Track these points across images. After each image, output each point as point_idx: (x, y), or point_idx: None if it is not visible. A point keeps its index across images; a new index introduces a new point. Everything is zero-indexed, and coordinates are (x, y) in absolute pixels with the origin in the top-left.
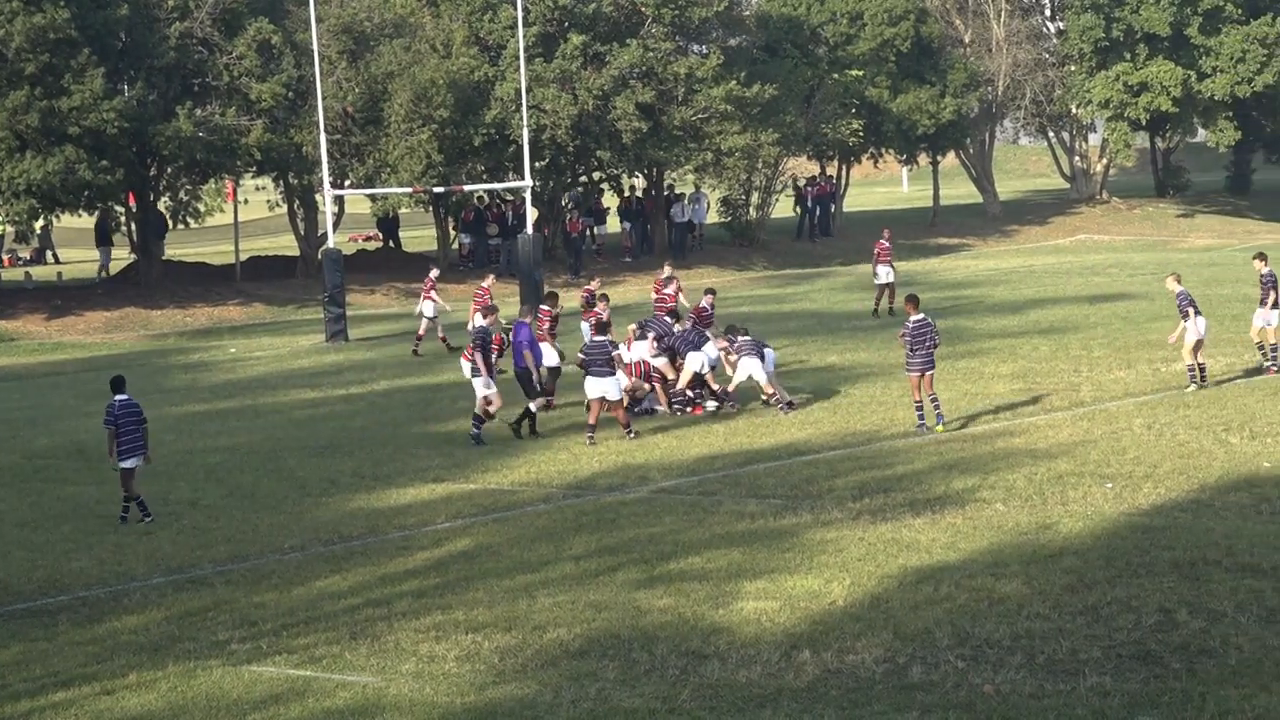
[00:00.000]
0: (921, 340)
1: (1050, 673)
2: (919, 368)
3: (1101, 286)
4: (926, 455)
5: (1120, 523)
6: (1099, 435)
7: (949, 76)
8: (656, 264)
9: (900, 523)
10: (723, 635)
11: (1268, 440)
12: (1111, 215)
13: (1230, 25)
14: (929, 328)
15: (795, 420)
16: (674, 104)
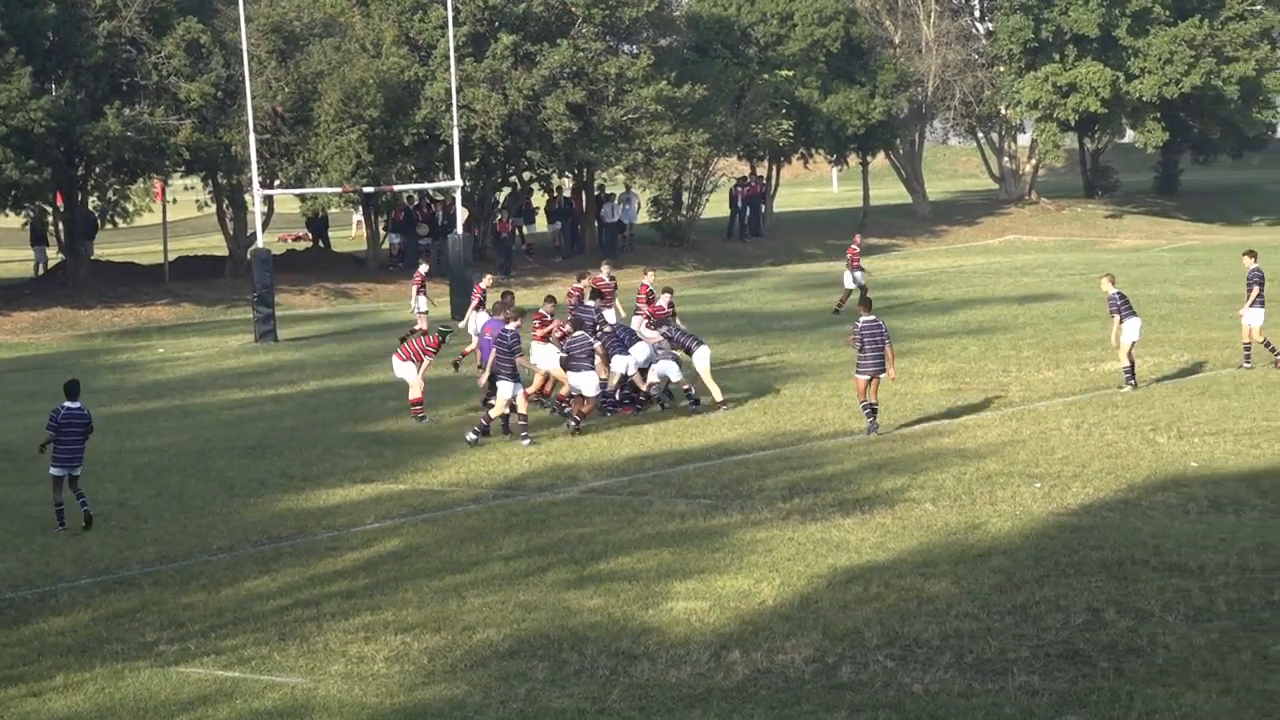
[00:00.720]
0: (873, 342)
1: (979, 672)
2: (870, 370)
3: (1030, 287)
4: (856, 455)
5: (1049, 522)
6: (1028, 435)
7: (879, 77)
8: (587, 264)
9: (830, 523)
10: (652, 635)
11: (1195, 440)
12: (1040, 216)
13: (1158, 27)
14: (880, 329)
15: (725, 420)
16: (604, 104)
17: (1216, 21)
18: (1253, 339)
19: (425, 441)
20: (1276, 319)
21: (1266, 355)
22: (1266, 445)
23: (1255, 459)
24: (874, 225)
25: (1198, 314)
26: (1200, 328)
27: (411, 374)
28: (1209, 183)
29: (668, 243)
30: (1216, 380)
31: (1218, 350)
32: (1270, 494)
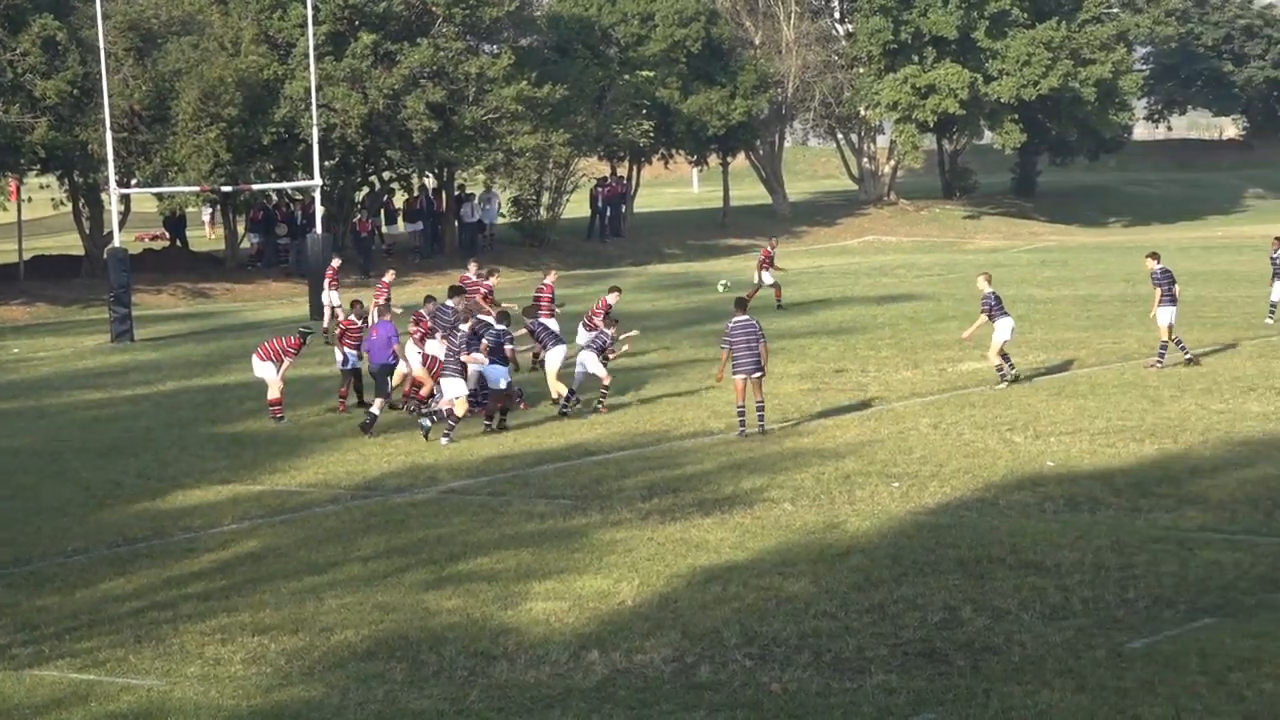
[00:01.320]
0: (746, 342)
1: (837, 671)
2: (744, 370)
3: (889, 287)
4: (715, 455)
5: (907, 521)
6: (886, 435)
7: (739, 78)
8: (448, 264)
9: (689, 522)
10: (511, 636)
11: (1051, 440)
12: (899, 216)
13: (1016, 29)
14: (753, 329)
15: (585, 420)
16: (465, 104)
17: (1074, 24)
18: (1168, 338)
19: (283, 442)
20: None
21: (1180, 353)
22: (1121, 444)
23: (1110, 458)
24: (734, 225)
25: (1054, 315)
26: (1057, 328)
27: (271, 374)
28: (1066, 184)
29: (528, 243)
30: (1073, 380)
31: (1074, 350)
32: (1124, 492)
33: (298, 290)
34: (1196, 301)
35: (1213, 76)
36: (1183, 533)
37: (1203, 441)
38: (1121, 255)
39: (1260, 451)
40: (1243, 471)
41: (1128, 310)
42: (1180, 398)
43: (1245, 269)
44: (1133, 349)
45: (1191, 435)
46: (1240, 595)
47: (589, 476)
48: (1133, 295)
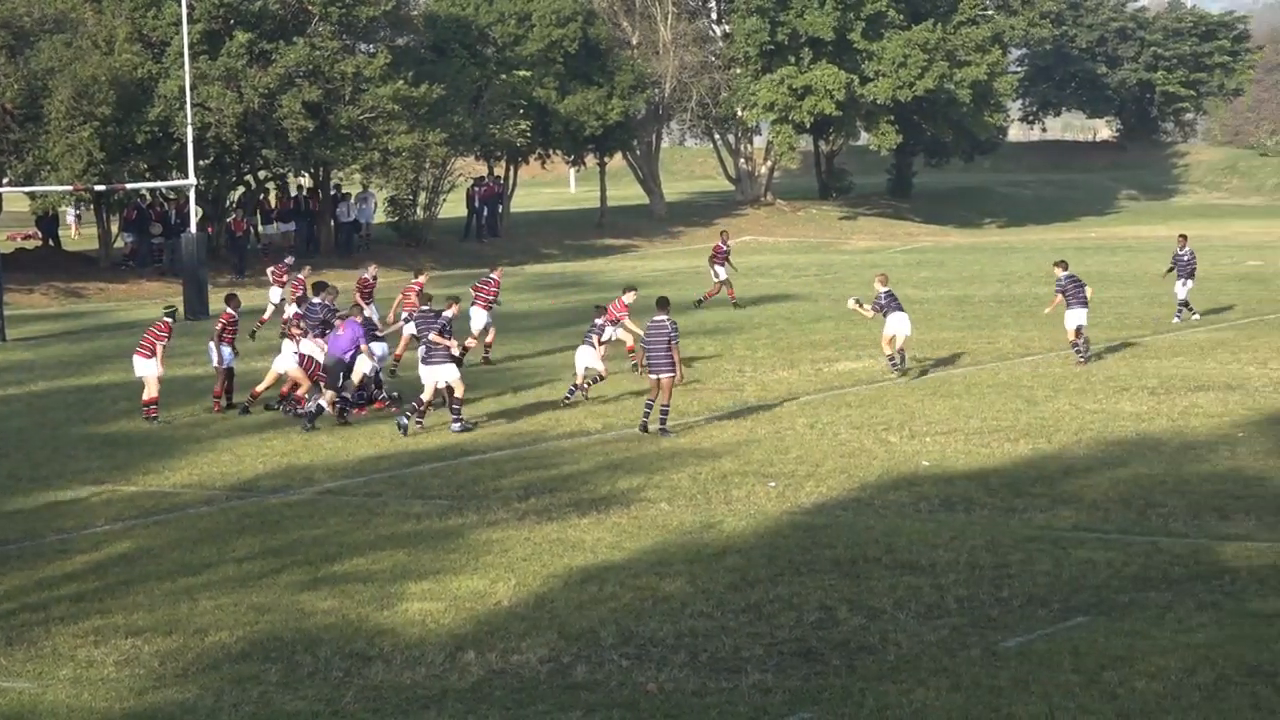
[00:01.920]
0: (659, 343)
1: (713, 670)
2: (656, 370)
3: (766, 288)
4: (592, 455)
5: (783, 521)
6: (763, 435)
7: (616, 78)
8: (324, 264)
9: (566, 523)
10: (387, 637)
11: (926, 439)
12: (776, 217)
13: (892, 31)
14: (665, 330)
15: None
16: (341, 103)
17: (949, 26)
18: (1076, 338)
19: (158, 443)
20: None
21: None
22: (996, 444)
23: (985, 458)
24: (611, 226)
25: (930, 315)
26: (932, 328)
27: (151, 371)
28: (941, 185)
29: (405, 242)
30: (948, 380)
31: (949, 351)
32: (999, 492)
33: (172, 290)
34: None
35: (1086, 79)
36: (1057, 532)
37: (1076, 441)
38: (996, 256)
39: (1133, 451)
40: (1116, 471)
41: (1003, 310)
42: (1054, 398)
43: (1119, 270)
44: (1008, 349)
45: (1065, 435)
46: (1113, 594)
47: (466, 477)
48: (1008, 296)
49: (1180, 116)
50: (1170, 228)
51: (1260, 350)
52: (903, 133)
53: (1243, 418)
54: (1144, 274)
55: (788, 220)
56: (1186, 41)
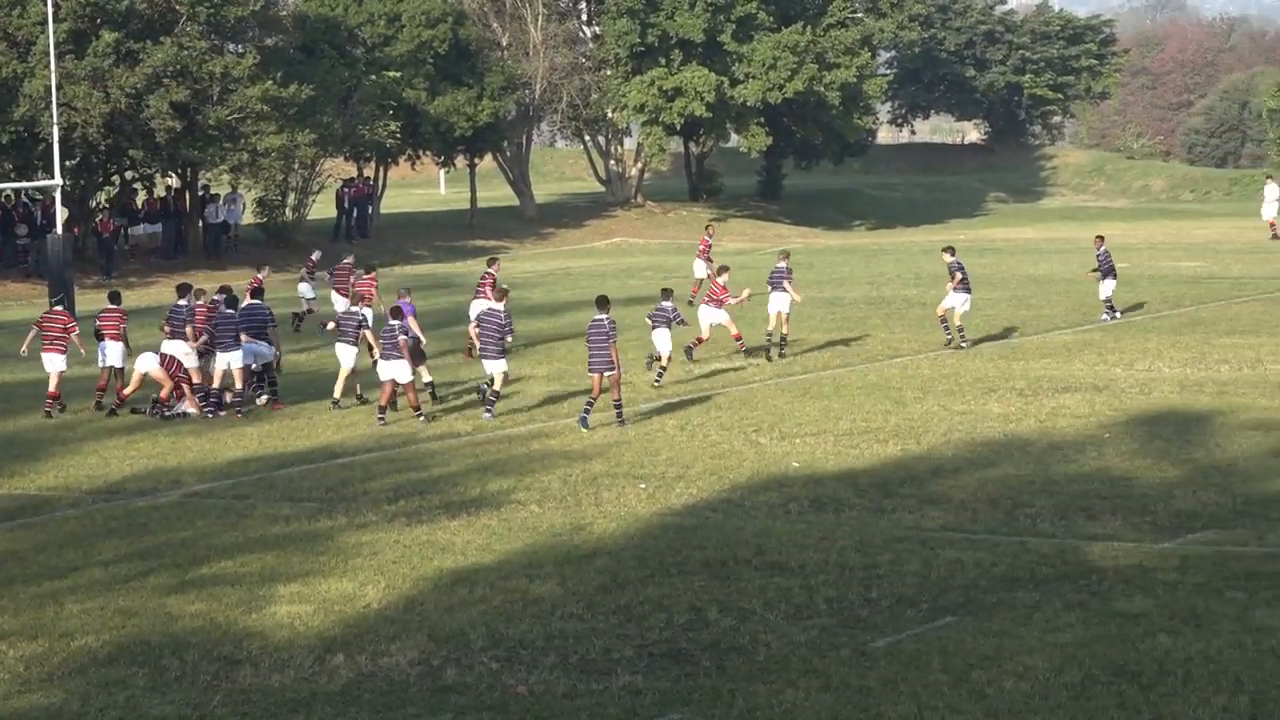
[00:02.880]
0: (596, 340)
1: (583, 672)
2: (596, 368)
3: (636, 290)
4: (462, 457)
5: (653, 523)
6: (633, 436)
7: (487, 79)
8: (191, 265)
9: (436, 525)
10: (255, 640)
11: (796, 441)
12: (646, 219)
13: (762, 33)
14: (603, 328)
15: (331, 422)
16: (209, 103)
17: (819, 28)
18: (950, 319)
19: (23, 444)
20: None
21: (945, 336)
22: (865, 445)
23: (854, 459)
24: (481, 227)
25: (800, 317)
26: (802, 330)
27: (59, 366)
28: (811, 187)
29: (273, 244)
30: (818, 382)
31: (819, 353)
32: (868, 493)
33: (37, 291)
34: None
35: (955, 81)
36: (925, 532)
37: (945, 442)
38: (866, 258)
39: (1001, 452)
40: (984, 471)
41: (872, 312)
42: (923, 399)
43: (987, 271)
44: (877, 351)
45: (934, 436)
46: (981, 594)
47: (335, 479)
48: (877, 298)
49: (1048, 119)
50: (1038, 230)
51: (1126, 352)
52: (773, 135)
53: (1109, 418)
54: (1012, 276)
55: (658, 222)
56: (1054, 45)
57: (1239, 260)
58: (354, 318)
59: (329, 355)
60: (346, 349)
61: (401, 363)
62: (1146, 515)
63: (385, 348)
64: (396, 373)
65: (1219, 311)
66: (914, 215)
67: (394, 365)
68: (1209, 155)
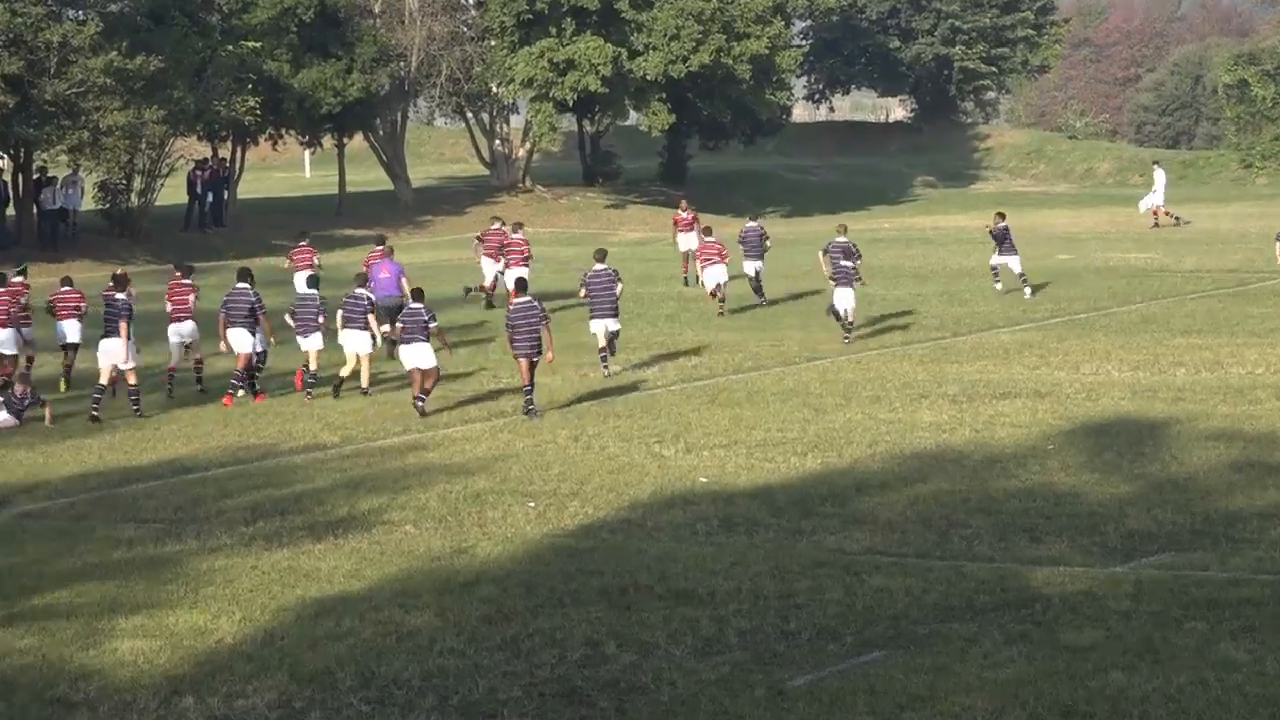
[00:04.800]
0: (526, 325)
1: (465, 715)
2: (523, 352)
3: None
4: (329, 472)
5: (543, 546)
6: (521, 449)
7: (357, 50)
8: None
9: (299, 549)
10: (94, 680)
11: (704, 453)
12: (535, 205)
13: (664, 0)
14: (532, 311)
15: (180, 433)
16: (46, 76)
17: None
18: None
19: None
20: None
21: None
22: (780, 458)
23: (769, 473)
24: (352, 214)
25: (706, 314)
26: (710, 329)
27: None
28: (720, 170)
29: (117, 232)
30: (728, 387)
31: (729, 354)
32: (785, 512)
33: None
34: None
35: (878, 54)
36: (849, 556)
37: (870, 455)
38: (780, 249)
39: (933, 465)
40: (914, 488)
41: (788, 311)
42: (846, 406)
43: (915, 264)
44: (794, 352)
45: (858, 448)
46: (912, 625)
47: (185, 497)
48: (793, 292)
49: (981, 95)
50: (971, 217)
51: (1071, 353)
52: (676, 112)
53: (1053, 427)
54: (942, 269)
55: (549, 209)
56: (986, 14)
57: (1193, 251)
58: (360, 301)
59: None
60: (356, 335)
61: (423, 346)
62: (1096, 536)
63: (408, 329)
64: (419, 359)
65: (1173, 308)
66: (834, 201)
67: (416, 350)
68: (1159, 135)
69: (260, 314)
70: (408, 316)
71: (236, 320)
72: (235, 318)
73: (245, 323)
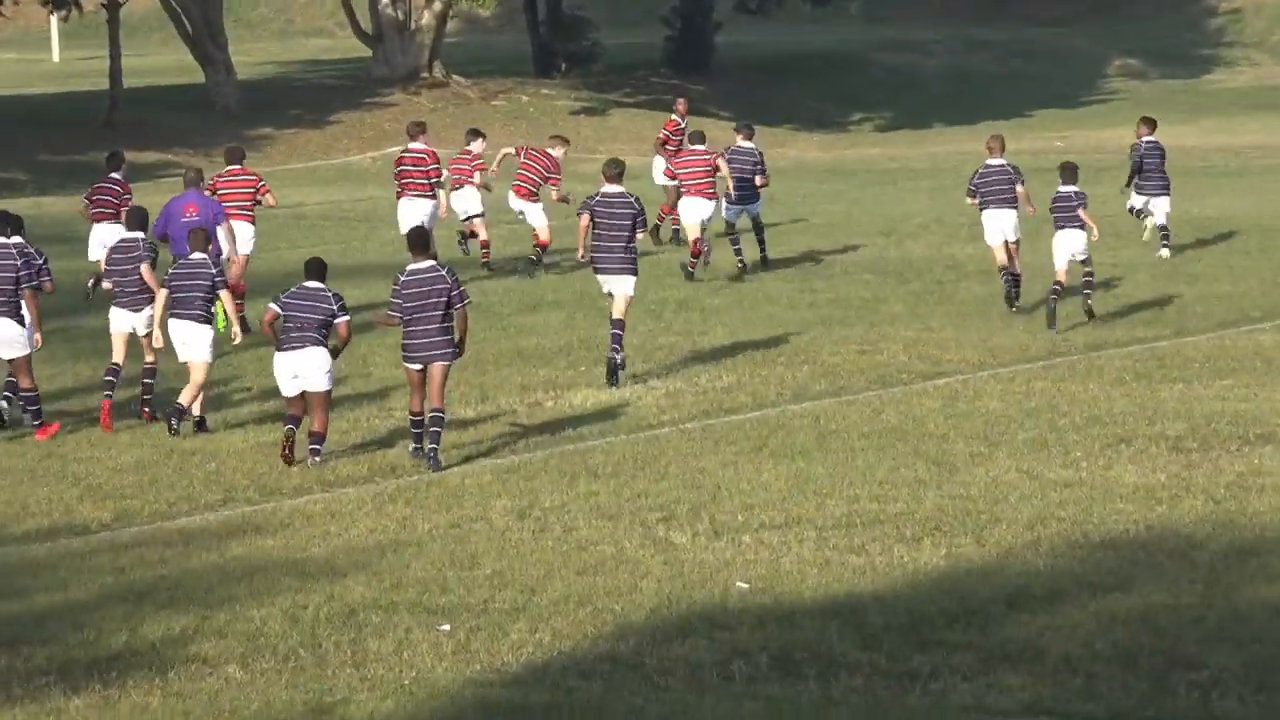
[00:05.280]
0: (422, 305)
1: None
2: (419, 356)
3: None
4: (95, 573)
5: (465, 700)
6: (428, 530)
7: None
8: None
9: (41, 705)
10: None
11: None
12: (453, 108)
13: None
14: (430, 283)
15: None
16: None
17: None
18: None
19: None
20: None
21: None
22: (876, 548)
23: (855, 575)
24: (133, 127)
25: (745, 298)
26: (753, 325)
27: None
28: (767, 51)
29: None
30: (784, 424)
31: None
32: (883, 642)
33: None
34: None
35: None
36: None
37: (1031, 542)
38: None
39: (1139, 560)
40: (1108, 599)
41: (890, 291)
42: (989, 457)
43: (1111, 209)
44: (898, 362)
45: (1010, 530)
46: None
47: None
48: (896, 263)
49: None
50: (1205, 131)
51: None
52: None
53: None
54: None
55: (474, 114)
56: None
57: None
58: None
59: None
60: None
61: (318, 354)
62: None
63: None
64: (310, 374)
65: None
66: (965, 101)
67: (305, 358)
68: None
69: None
70: (297, 301)
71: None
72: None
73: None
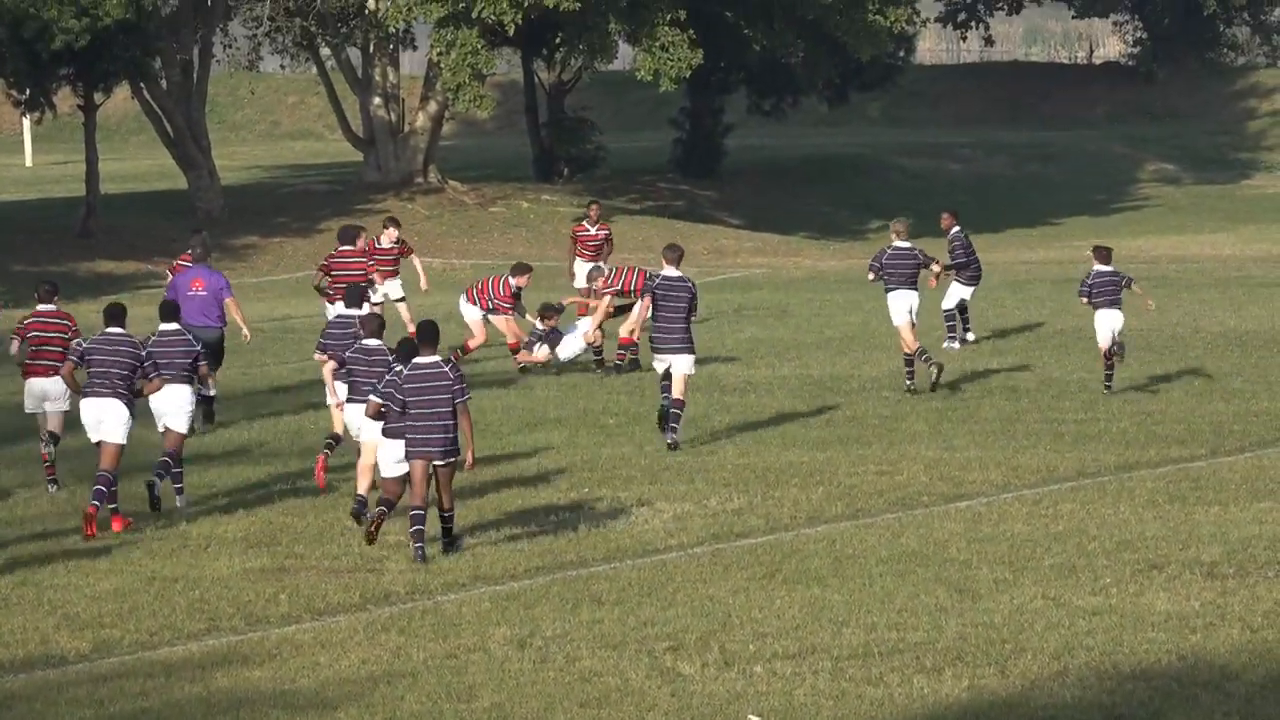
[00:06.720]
0: (431, 400)
1: None
2: (422, 450)
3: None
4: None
5: None
6: (421, 661)
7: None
8: None
9: None
10: None
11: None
12: (448, 214)
13: None
14: (444, 378)
15: None
16: None
17: None
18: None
19: None
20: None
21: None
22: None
23: (874, 708)
24: (109, 235)
25: (752, 411)
26: (767, 444)
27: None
28: (781, 152)
29: None
30: (799, 547)
31: (799, 489)
32: None
33: None
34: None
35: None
36: None
37: (1058, 673)
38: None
39: (1173, 693)
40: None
41: (912, 408)
42: (1013, 584)
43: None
44: (919, 484)
45: (1036, 661)
46: None
47: None
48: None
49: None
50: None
51: None
52: (705, 46)
53: None
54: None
55: (471, 221)
56: None
57: None
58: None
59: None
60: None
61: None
62: None
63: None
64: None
65: None
66: (991, 210)
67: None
68: None
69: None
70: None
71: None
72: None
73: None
